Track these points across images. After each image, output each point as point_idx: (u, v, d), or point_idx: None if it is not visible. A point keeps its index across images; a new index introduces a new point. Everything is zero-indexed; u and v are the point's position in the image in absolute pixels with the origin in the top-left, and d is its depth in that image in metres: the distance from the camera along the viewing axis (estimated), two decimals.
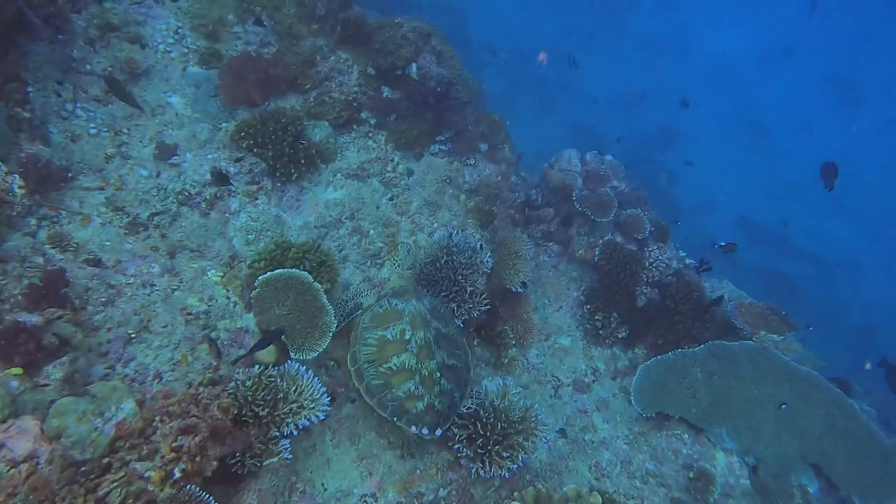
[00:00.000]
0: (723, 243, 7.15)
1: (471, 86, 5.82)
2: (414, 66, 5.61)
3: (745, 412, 5.85)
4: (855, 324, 20.17)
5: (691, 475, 5.41)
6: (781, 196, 28.73)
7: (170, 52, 5.67)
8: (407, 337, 4.47)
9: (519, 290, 6.10)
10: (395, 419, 4.28)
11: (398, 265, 5.08)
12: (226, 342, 4.33)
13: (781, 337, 6.64)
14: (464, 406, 4.78)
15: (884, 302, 23.24)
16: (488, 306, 5.49)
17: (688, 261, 7.68)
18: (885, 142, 35.01)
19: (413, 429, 4.21)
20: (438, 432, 4.28)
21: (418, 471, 4.65)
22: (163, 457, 3.35)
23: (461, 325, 5.33)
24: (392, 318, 4.56)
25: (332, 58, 5.82)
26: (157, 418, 3.50)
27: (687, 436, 5.82)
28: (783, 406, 5.82)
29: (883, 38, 36.19)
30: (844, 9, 34.56)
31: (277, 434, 4.10)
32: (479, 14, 23.96)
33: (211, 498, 3.34)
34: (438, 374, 4.40)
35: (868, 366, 10.24)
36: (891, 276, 25.37)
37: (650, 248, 7.11)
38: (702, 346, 6.35)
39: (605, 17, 30.88)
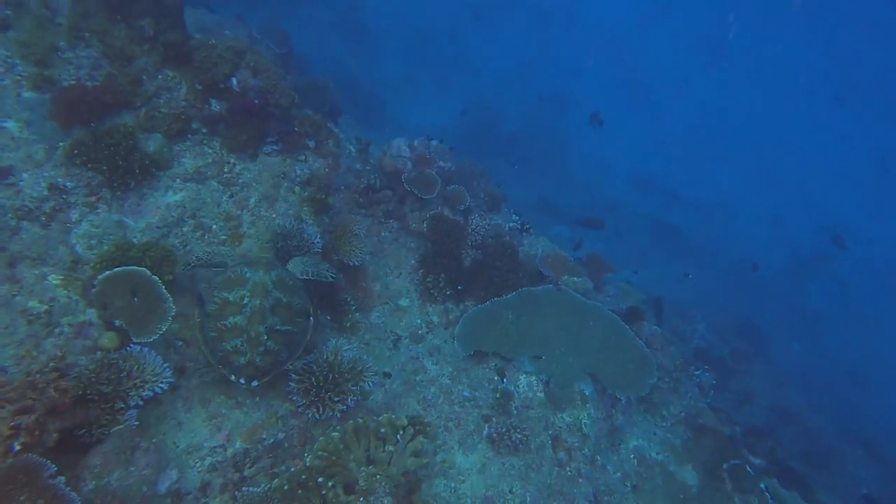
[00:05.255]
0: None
1: (290, 92, 6.29)
2: (234, 79, 6.02)
3: (542, 341, 6.83)
4: (734, 257, 21.93)
5: (498, 395, 6.34)
6: (666, 147, 30.30)
7: (2, 80, 5.76)
8: (244, 302, 4.98)
9: (356, 263, 6.75)
10: (219, 366, 4.86)
11: (258, 238, 5.58)
12: (70, 335, 4.71)
13: (578, 278, 7.70)
14: (298, 364, 5.41)
15: (756, 235, 25.49)
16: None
17: (510, 224, 8.62)
18: (751, 92, 37.66)
19: (232, 377, 4.81)
20: (255, 383, 4.89)
21: (261, 421, 5.26)
22: (1, 435, 3.77)
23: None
24: (238, 284, 5.05)
25: (160, 76, 6.11)
26: None
27: (498, 366, 6.75)
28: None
29: None
30: None
31: (123, 406, 4.57)
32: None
33: (48, 461, 3.77)
34: (265, 337, 4.94)
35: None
36: (761, 212, 27.88)
37: (473, 217, 7.94)
38: (513, 293, 7.29)
39: None
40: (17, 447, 3.75)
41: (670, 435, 7.29)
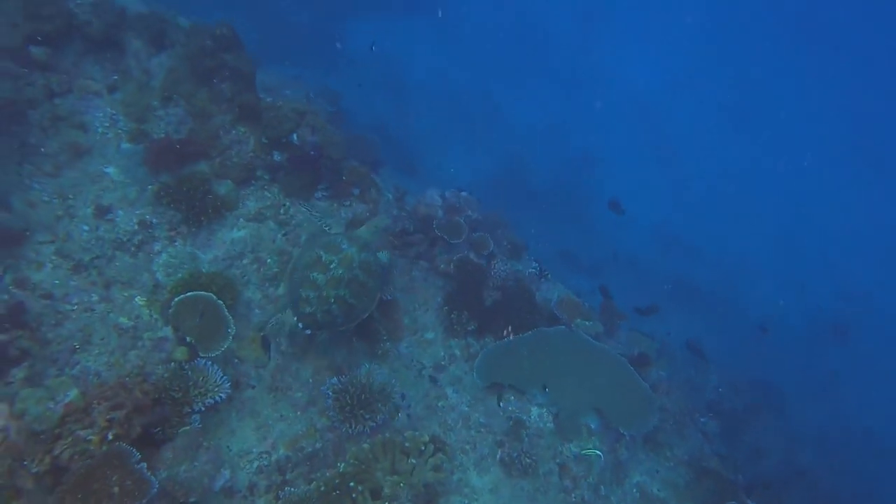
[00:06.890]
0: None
1: (341, 147, 7.21)
2: (295, 135, 6.97)
3: (553, 377, 7.36)
4: (754, 319, 21.93)
5: (510, 424, 6.88)
6: (690, 209, 30.71)
7: (107, 133, 6.79)
8: (331, 267, 5.76)
9: (388, 297, 7.47)
10: (291, 306, 5.80)
11: (375, 224, 6.50)
12: (149, 348, 5.51)
13: (589, 322, 8.26)
14: (336, 384, 6.08)
15: (777, 297, 25.40)
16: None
17: (530, 270, 9.30)
18: (772, 159, 38.05)
19: (294, 319, 5.69)
20: (308, 332, 5.77)
21: (302, 432, 5.93)
22: (99, 426, 4.52)
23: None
24: (333, 250, 5.88)
25: (234, 132, 7.09)
26: (95, 401, 4.66)
27: (512, 397, 7.30)
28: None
29: (766, 67, 39.40)
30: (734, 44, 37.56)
31: (189, 410, 5.30)
32: (412, 61, 25.53)
33: (134, 450, 4.49)
34: (332, 301, 5.70)
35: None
36: (782, 275, 27.82)
37: (495, 261, 8.64)
38: (529, 332, 7.88)
39: (524, 55, 32.51)
40: (111, 437, 4.49)
41: (673, 474, 7.64)
